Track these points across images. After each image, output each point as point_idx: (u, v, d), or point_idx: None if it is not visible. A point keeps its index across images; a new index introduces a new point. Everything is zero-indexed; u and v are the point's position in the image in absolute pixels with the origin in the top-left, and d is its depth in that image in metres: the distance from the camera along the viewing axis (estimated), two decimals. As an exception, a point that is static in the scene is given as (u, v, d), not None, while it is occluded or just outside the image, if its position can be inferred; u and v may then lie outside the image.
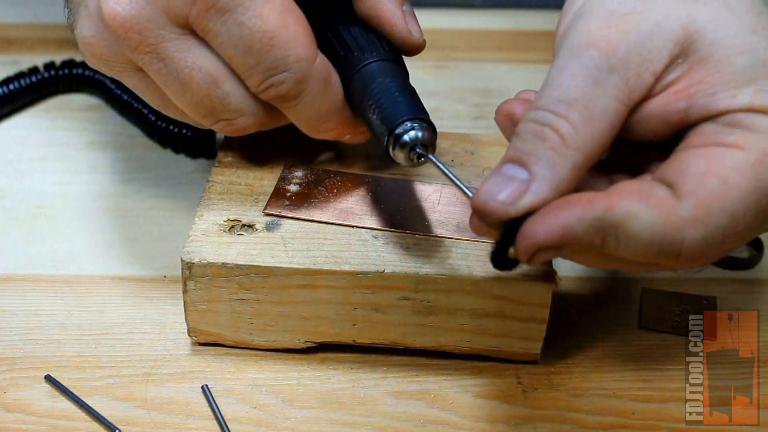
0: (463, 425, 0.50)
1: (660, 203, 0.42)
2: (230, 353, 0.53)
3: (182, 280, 0.51)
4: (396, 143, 0.49)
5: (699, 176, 0.42)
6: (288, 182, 0.55)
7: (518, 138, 0.44)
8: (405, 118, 0.49)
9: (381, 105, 0.50)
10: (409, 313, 0.51)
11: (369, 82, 0.51)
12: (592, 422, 0.50)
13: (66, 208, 0.62)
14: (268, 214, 0.53)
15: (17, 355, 0.53)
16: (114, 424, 0.49)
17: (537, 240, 0.41)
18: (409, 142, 0.48)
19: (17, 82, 0.69)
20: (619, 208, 0.42)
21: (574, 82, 0.43)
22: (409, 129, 0.48)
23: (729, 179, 0.42)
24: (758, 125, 0.43)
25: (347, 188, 0.55)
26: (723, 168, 0.42)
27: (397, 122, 0.49)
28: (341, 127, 0.53)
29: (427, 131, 0.49)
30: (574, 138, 0.43)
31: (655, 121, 0.45)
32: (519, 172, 0.43)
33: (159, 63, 0.50)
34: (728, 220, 0.42)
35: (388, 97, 0.50)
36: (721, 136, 0.43)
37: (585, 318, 0.56)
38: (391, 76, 0.51)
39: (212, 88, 0.51)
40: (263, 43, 0.49)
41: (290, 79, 0.50)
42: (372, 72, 0.51)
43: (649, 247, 0.42)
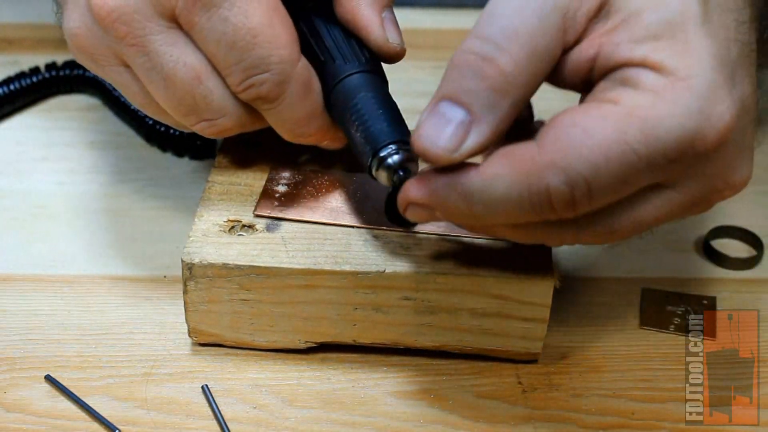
0: (463, 425, 0.50)
1: (521, 158, 0.43)
2: (230, 353, 0.53)
3: (182, 280, 0.51)
4: (379, 165, 0.49)
5: (563, 127, 0.43)
6: (276, 183, 0.55)
7: (456, 71, 0.43)
8: (389, 141, 0.49)
9: (365, 123, 0.50)
10: (410, 313, 0.51)
11: (351, 96, 0.51)
12: (592, 422, 0.51)
13: (66, 208, 0.62)
14: (258, 215, 0.53)
15: (17, 355, 0.53)
16: (114, 424, 0.49)
17: (408, 197, 0.45)
18: (393, 165, 0.48)
19: (18, 83, 0.69)
20: (482, 174, 0.43)
21: (519, 14, 0.43)
22: (393, 153, 0.48)
23: (590, 129, 0.42)
24: (644, 82, 0.43)
25: (335, 188, 0.55)
26: (588, 119, 0.43)
27: (380, 144, 0.49)
28: (320, 132, 0.53)
29: (409, 154, 0.48)
30: (515, 76, 0.42)
31: (569, 69, 0.45)
32: (457, 112, 0.43)
33: (143, 56, 0.50)
34: (588, 169, 0.42)
35: (371, 115, 0.50)
36: (603, 93, 0.44)
37: (585, 318, 0.56)
38: (374, 91, 0.51)
39: (195, 84, 0.50)
40: (246, 41, 0.49)
41: (271, 80, 0.49)
42: (354, 85, 0.51)
43: (519, 203, 0.43)
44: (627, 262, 0.60)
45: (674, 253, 0.61)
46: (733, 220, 0.63)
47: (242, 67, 0.49)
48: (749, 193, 0.66)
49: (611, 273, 0.59)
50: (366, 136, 0.49)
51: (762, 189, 0.66)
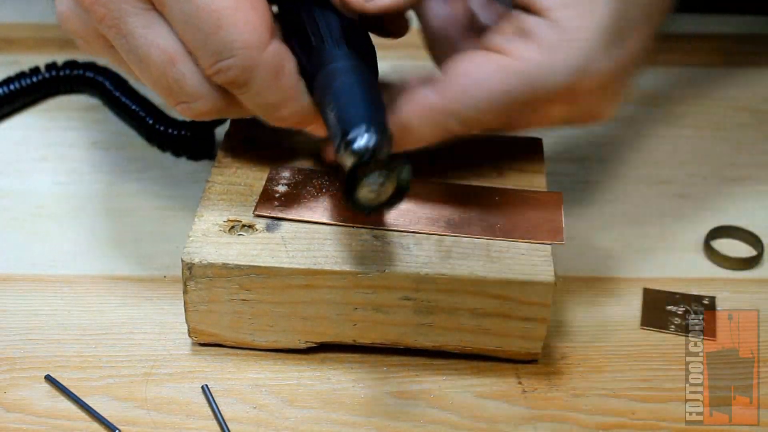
0: (463, 425, 0.50)
1: (423, 104, 0.51)
2: (230, 353, 0.53)
3: (182, 280, 0.51)
4: (345, 148, 0.46)
5: (459, 76, 0.51)
6: (276, 183, 0.55)
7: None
8: (359, 123, 0.46)
9: (339, 105, 0.48)
10: (410, 313, 0.51)
11: (332, 79, 0.49)
12: (592, 422, 0.51)
13: (66, 208, 0.62)
14: (258, 215, 0.53)
15: (17, 355, 0.53)
16: (114, 424, 0.49)
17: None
18: (358, 150, 0.45)
19: (17, 83, 0.69)
20: (395, 118, 0.51)
21: None
22: (361, 134, 0.45)
23: (482, 81, 0.50)
24: (537, 34, 0.50)
25: (335, 188, 0.55)
26: (481, 70, 0.51)
27: (350, 127, 0.46)
28: (298, 117, 0.51)
29: (380, 138, 0.45)
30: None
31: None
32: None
33: (122, 38, 0.50)
34: (479, 113, 0.51)
35: (348, 99, 0.48)
36: (506, 43, 0.51)
37: (585, 318, 0.56)
38: (357, 77, 0.49)
39: (168, 67, 0.50)
40: (210, 24, 0.48)
41: (236, 65, 0.48)
42: (338, 70, 0.49)
43: (424, 137, 0.52)
44: (627, 262, 0.60)
45: (674, 253, 0.61)
46: (733, 220, 0.63)
47: (209, 51, 0.48)
48: (749, 193, 0.66)
49: (611, 273, 0.59)
50: (338, 118, 0.47)
51: (762, 189, 0.66)
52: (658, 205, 0.65)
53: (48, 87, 0.71)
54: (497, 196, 0.55)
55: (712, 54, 0.80)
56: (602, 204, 0.64)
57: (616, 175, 0.67)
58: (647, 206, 0.64)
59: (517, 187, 0.56)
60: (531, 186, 0.56)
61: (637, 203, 0.65)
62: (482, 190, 0.55)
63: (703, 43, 0.81)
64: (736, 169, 0.68)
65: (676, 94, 0.75)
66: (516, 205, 0.54)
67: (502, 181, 0.56)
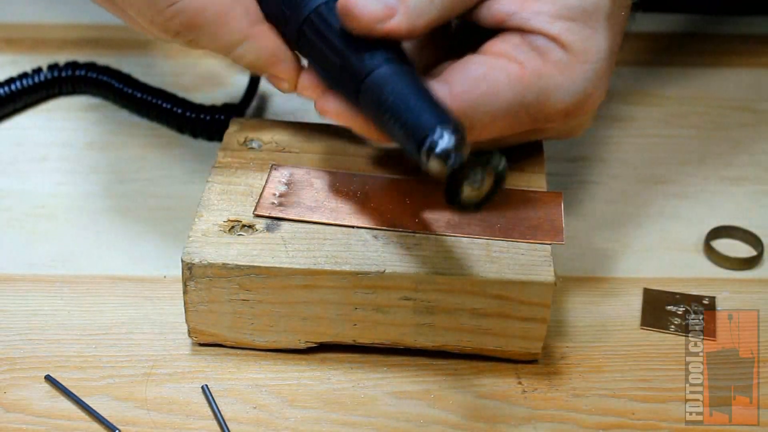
0: (463, 425, 0.50)
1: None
2: (230, 353, 0.53)
3: (182, 280, 0.51)
4: (429, 158, 0.44)
5: (473, 80, 0.51)
6: (276, 183, 0.55)
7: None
8: (428, 130, 0.45)
9: (400, 119, 0.46)
10: (410, 313, 0.51)
11: (381, 88, 0.48)
12: (592, 422, 0.51)
13: (66, 208, 0.62)
14: (258, 215, 0.53)
15: (17, 355, 0.53)
16: (114, 424, 0.49)
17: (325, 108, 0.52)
18: (441, 153, 0.44)
19: (20, 83, 0.69)
20: None
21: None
22: (438, 140, 0.44)
23: (495, 87, 0.51)
24: (551, 54, 0.52)
25: (335, 188, 0.55)
26: (495, 75, 0.51)
27: (421, 137, 0.45)
28: (252, 58, 0.56)
29: (457, 136, 0.45)
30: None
31: (485, 12, 0.53)
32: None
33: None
34: (488, 119, 0.51)
35: (404, 108, 0.46)
36: (515, 52, 0.52)
37: (585, 318, 0.56)
38: (401, 80, 0.48)
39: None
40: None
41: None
42: (379, 79, 0.48)
43: None
44: (627, 262, 0.60)
45: (674, 253, 0.61)
46: (733, 220, 0.63)
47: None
48: (749, 193, 0.66)
49: (611, 273, 0.59)
50: (405, 132, 0.46)
51: (762, 189, 0.66)
52: (658, 205, 0.65)
53: (51, 88, 0.70)
54: (497, 196, 0.55)
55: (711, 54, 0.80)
56: (602, 204, 0.64)
57: (616, 175, 0.67)
58: (647, 206, 0.64)
59: (517, 187, 0.56)
60: (531, 186, 0.56)
61: (637, 203, 0.65)
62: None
63: (703, 43, 0.81)
64: (736, 169, 0.68)
65: (676, 94, 0.75)
66: (516, 205, 0.54)
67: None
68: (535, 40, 0.52)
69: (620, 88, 0.75)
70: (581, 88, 0.52)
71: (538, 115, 0.52)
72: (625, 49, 0.56)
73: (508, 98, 0.51)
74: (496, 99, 0.51)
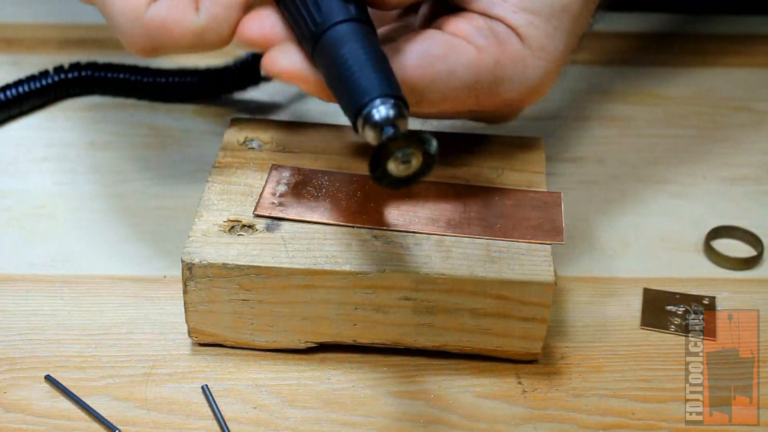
0: (463, 425, 0.50)
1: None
2: (230, 353, 0.53)
3: (182, 280, 0.51)
4: (365, 123, 0.45)
5: (432, 57, 0.52)
6: (276, 183, 0.55)
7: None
8: (374, 96, 0.45)
9: (350, 79, 0.46)
10: (410, 313, 0.51)
11: (336, 49, 0.47)
12: (592, 422, 0.51)
13: (66, 208, 0.62)
14: (258, 215, 0.53)
15: (17, 355, 0.53)
16: (114, 424, 0.49)
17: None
18: (379, 121, 0.45)
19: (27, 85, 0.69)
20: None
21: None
22: (378, 108, 0.45)
23: (453, 70, 0.52)
24: (509, 44, 0.53)
25: (335, 188, 0.55)
26: (454, 58, 0.52)
27: (365, 100, 0.45)
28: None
29: (398, 110, 0.45)
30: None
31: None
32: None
33: None
34: (440, 99, 0.52)
35: (357, 70, 0.46)
36: (476, 36, 0.52)
37: (585, 318, 0.56)
38: (361, 42, 0.47)
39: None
40: None
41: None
42: (339, 36, 0.47)
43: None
44: (627, 262, 0.60)
45: (674, 253, 0.61)
46: (733, 220, 0.63)
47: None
48: (749, 193, 0.66)
49: (611, 273, 0.59)
50: (349, 95, 0.46)
51: (762, 189, 0.66)
52: (658, 205, 0.65)
53: (58, 90, 0.70)
54: (497, 196, 0.55)
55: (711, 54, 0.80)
56: (602, 204, 0.64)
57: (616, 175, 0.67)
58: (647, 206, 0.64)
59: (517, 187, 0.56)
60: (531, 186, 0.56)
61: (637, 203, 0.65)
62: (482, 190, 0.55)
63: (703, 43, 0.81)
64: (736, 169, 0.68)
65: (676, 94, 0.75)
66: (516, 205, 0.54)
67: (502, 181, 0.56)
68: (497, 26, 0.53)
69: (620, 88, 0.75)
70: (531, 82, 0.54)
71: (485, 101, 0.54)
72: (625, 49, 0.56)
73: (463, 81, 0.52)
74: (451, 80, 0.52)
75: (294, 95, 0.73)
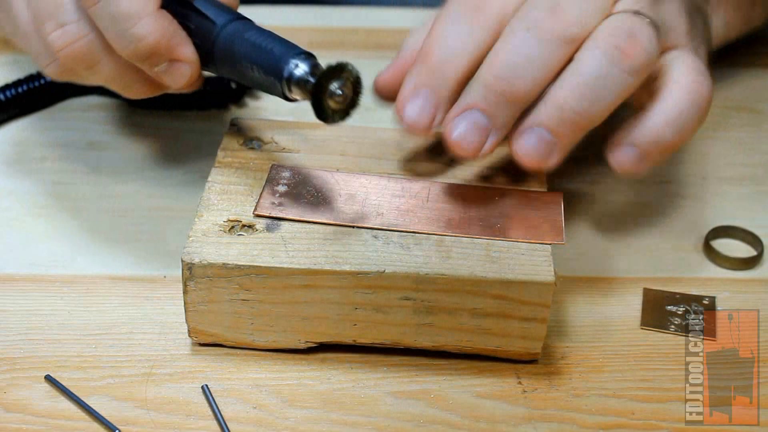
0: (463, 425, 0.50)
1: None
2: (230, 353, 0.53)
3: (182, 280, 0.51)
4: (290, 84, 0.49)
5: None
6: (276, 183, 0.55)
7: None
8: (284, 61, 0.49)
9: (257, 60, 0.51)
10: (410, 313, 0.51)
11: (231, 43, 0.52)
12: (592, 422, 0.51)
13: (66, 208, 0.62)
14: (258, 215, 0.53)
15: (17, 355, 0.53)
16: (114, 424, 0.49)
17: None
18: (303, 76, 0.49)
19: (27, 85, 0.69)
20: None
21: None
22: (295, 67, 0.49)
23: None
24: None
25: (335, 188, 0.55)
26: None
27: (280, 68, 0.49)
28: (154, 35, 0.52)
29: (311, 60, 0.50)
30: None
31: None
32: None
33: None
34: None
35: (258, 51, 0.51)
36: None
37: (585, 318, 0.56)
38: (249, 30, 0.52)
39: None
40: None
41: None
42: (230, 33, 0.52)
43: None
44: (627, 262, 0.60)
45: (674, 253, 0.61)
46: (733, 220, 0.63)
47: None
48: (749, 193, 0.66)
49: (611, 273, 0.59)
50: (265, 70, 0.50)
51: (762, 189, 0.66)
52: (658, 205, 0.65)
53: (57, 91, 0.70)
54: (497, 196, 0.55)
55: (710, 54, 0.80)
56: (602, 204, 0.64)
57: (616, 174, 0.67)
58: (647, 206, 0.64)
59: (517, 187, 0.56)
60: (531, 186, 0.56)
61: (637, 203, 0.65)
62: (482, 190, 0.55)
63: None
64: (736, 169, 0.68)
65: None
66: (516, 205, 0.54)
67: (502, 181, 0.56)
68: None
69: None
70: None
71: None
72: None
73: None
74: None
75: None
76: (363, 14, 0.84)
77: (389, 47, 0.62)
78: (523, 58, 0.52)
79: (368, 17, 0.83)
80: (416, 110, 0.53)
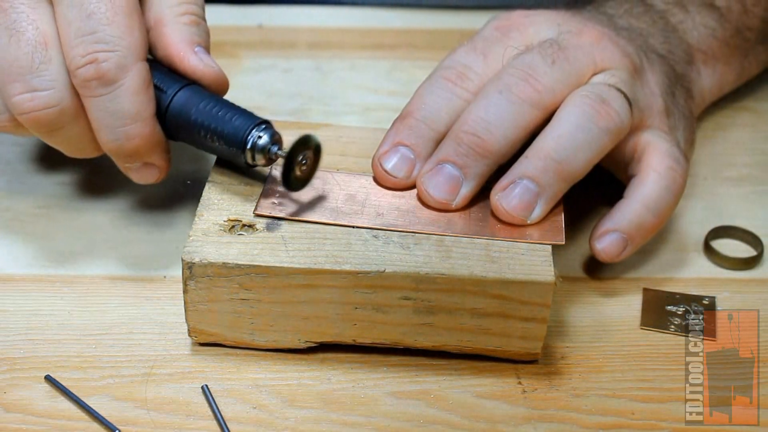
0: (463, 425, 0.50)
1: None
2: (230, 353, 0.53)
3: (183, 280, 0.51)
4: (254, 154, 0.52)
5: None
6: (276, 183, 0.55)
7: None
8: (246, 131, 0.52)
9: (215, 130, 0.53)
10: (410, 313, 0.51)
11: (186, 113, 0.53)
12: (592, 422, 0.51)
13: (66, 208, 0.62)
14: (258, 215, 0.53)
15: (17, 355, 0.53)
16: (114, 424, 0.49)
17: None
18: (265, 146, 0.52)
19: None
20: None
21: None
22: (257, 137, 0.52)
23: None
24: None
25: (335, 188, 0.55)
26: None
27: (241, 138, 0.52)
28: (143, 139, 0.53)
29: (271, 131, 0.53)
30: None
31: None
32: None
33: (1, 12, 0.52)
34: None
35: (216, 120, 0.53)
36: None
37: (585, 318, 0.56)
38: (204, 99, 0.53)
39: (40, 48, 0.51)
40: (104, 16, 0.51)
41: (115, 59, 0.51)
42: (183, 101, 0.53)
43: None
44: (627, 262, 0.60)
45: (674, 253, 0.61)
46: (733, 220, 0.63)
47: (93, 39, 0.51)
48: (749, 193, 0.66)
49: (611, 273, 0.59)
50: (226, 141, 0.52)
51: (762, 189, 0.66)
52: (658, 205, 0.64)
53: None
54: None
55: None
56: (602, 204, 0.64)
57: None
58: (647, 206, 0.64)
59: (517, 187, 0.56)
60: (531, 186, 0.56)
61: (637, 203, 0.64)
62: (482, 190, 0.55)
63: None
64: (736, 169, 0.68)
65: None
66: (516, 205, 0.54)
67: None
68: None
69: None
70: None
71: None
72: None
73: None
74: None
75: (294, 96, 0.73)
76: (363, 14, 0.84)
77: (389, 47, 0.63)
78: (493, 116, 0.54)
79: (367, 17, 0.83)
80: (395, 165, 0.55)
